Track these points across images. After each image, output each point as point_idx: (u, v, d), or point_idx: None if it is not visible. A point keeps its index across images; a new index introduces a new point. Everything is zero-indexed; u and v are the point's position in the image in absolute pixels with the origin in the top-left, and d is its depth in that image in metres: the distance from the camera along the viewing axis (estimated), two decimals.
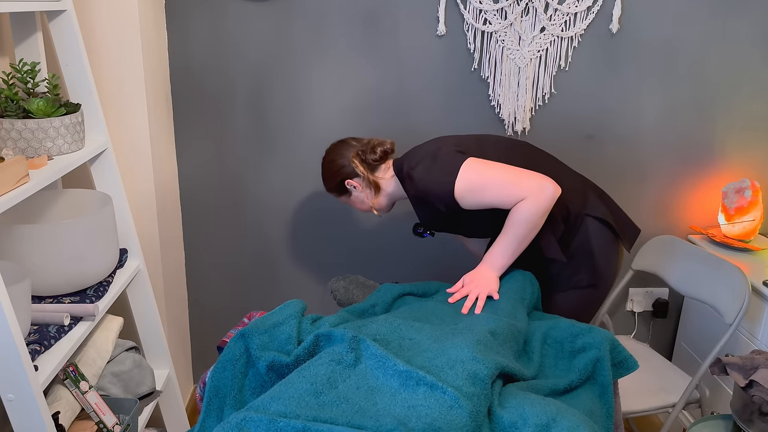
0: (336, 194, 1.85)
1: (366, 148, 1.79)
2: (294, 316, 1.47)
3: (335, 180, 1.81)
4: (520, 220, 1.60)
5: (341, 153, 1.81)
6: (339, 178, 1.80)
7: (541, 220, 1.61)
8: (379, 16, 2.11)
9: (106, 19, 1.82)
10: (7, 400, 1.23)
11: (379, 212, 1.85)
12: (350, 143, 1.82)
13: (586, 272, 1.74)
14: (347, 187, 1.81)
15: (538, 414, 1.18)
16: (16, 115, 1.47)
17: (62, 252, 1.48)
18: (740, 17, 2.18)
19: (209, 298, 2.40)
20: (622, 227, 1.79)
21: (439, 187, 1.64)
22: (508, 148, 1.75)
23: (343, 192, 1.83)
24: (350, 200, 1.85)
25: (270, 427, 1.10)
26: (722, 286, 1.92)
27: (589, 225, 1.73)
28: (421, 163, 1.68)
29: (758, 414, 1.50)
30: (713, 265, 1.98)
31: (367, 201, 1.82)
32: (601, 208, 1.76)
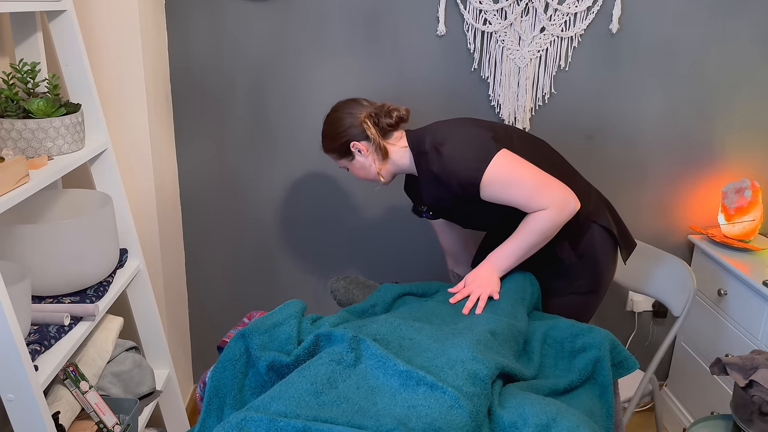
0: (335, 156, 1.72)
1: (380, 111, 1.68)
2: (294, 316, 1.47)
3: (339, 140, 1.68)
4: (537, 229, 1.59)
5: (351, 112, 1.68)
6: (345, 138, 1.68)
7: (555, 232, 1.61)
8: (379, 16, 2.11)
9: (106, 19, 1.83)
10: (7, 400, 1.23)
11: (384, 181, 1.73)
12: (362, 103, 1.70)
13: (587, 278, 1.74)
14: (351, 150, 1.69)
15: (538, 414, 1.18)
16: (16, 115, 1.47)
17: (62, 252, 1.48)
18: (740, 17, 2.18)
19: (209, 298, 2.40)
20: (622, 238, 1.79)
21: (466, 171, 1.57)
22: (532, 145, 1.71)
23: (344, 155, 1.70)
24: (350, 164, 1.72)
25: (270, 426, 1.10)
26: (668, 279, 2.00)
27: (594, 231, 1.73)
28: (450, 140, 1.61)
29: (758, 414, 1.50)
30: (658, 259, 2.04)
31: (372, 167, 1.71)
32: (606, 217, 1.76)
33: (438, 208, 1.76)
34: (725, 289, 2.17)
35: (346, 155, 1.71)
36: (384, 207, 2.32)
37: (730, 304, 2.15)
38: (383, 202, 2.31)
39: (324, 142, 1.73)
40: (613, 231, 1.75)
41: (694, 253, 2.38)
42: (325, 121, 1.72)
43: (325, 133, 1.72)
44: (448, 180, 1.60)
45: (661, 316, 2.49)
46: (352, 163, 1.72)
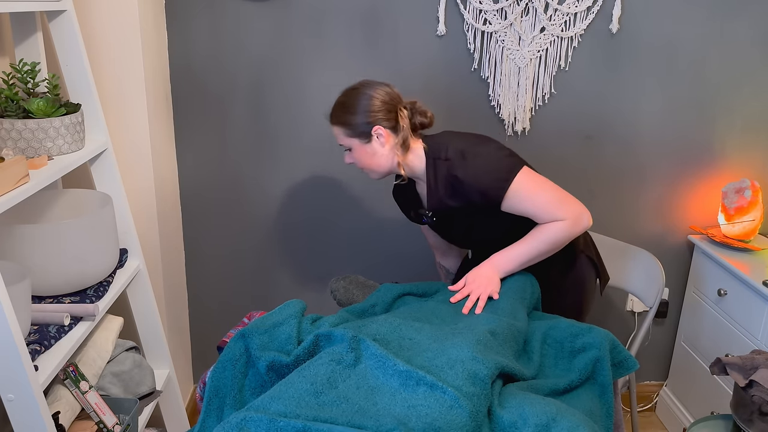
0: (347, 132, 1.62)
1: (415, 107, 1.65)
2: (294, 316, 1.47)
3: (364, 118, 1.59)
4: (548, 239, 1.61)
5: (383, 95, 1.61)
6: (371, 119, 1.59)
7: (562, 245, 1.64)
8: (379, 16, 2.11)
9: (106, 19, 1.82)
10: (7, 400, 1.23)
11: (405, 173, 1.67)
12: (394, 91, 1.64)
13: (573, 305, 1.79)
14: (372, 134, 1.61)
15: (538, 414, 1.18)
16: (16, 115, 1.47)
17: (62, 252, 1.48)
18: (740, 17, 2.18)
19: (209, 298, 2.40)
20: (602, 271, 1.87)
21: (494, 182, 1.58)
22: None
23: (360, 135, 1.61)
24: (359, 147, 1.63)
25: (270, 426, 1.10)
26: (638, 272, 2.06)
27: (583, 262, 1.80)
28: (479, 150, 1.61)
29: (758, 414, 1.50)
30: (628, 254, 2.10)
31: (382, 158, 1.64)
32: (592, 250, 1.84)
33: (442, 214, 1.74)
34: (725, 289, 2.17)
35: (361, 136, 1.62)
36: (384, 207, 2.32)
37: (730, 304, 2.15)
38: (384, 202, 2.31)
39: (340, 114, 1.63)
40: (597, 264, 1.83)
41: (694, 253, 2.38)
42: (350, 93, 1.63)
43: (346, 105, 1.62)
44: (471, 186, 1.60)
45: (661, 316, 2.49)
46: (363, 146, 1.63)
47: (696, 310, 2.36)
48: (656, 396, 2.60)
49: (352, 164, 1.70)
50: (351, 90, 1.65)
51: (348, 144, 1.65)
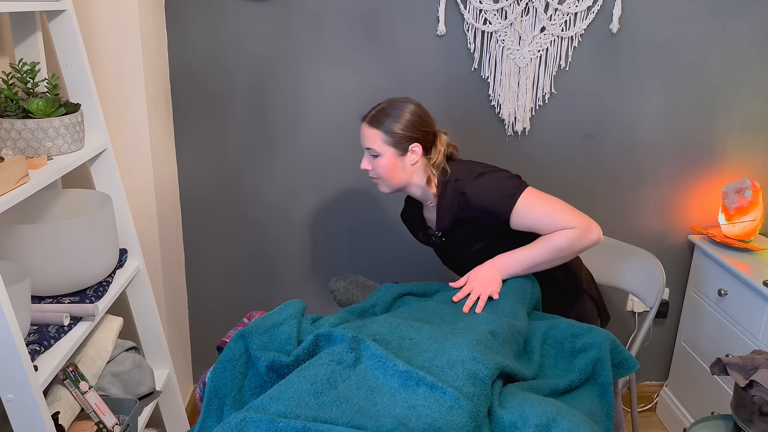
0: (386, 138, 1.65)
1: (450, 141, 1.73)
2: (294, 316, 1.47)
3: (408, 132, 1.65)
4: (555, 245, 1.61)
5: (427, 118, 1.68)
6: (414, 134, 1.65)
7: (570, 256, 1.64)
8: (379, 16, 2.11)
9: (106, 19, 1.82)
10: (7, 400, 1.23)
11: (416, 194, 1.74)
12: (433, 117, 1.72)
13: None
14: (409, 148, 1.66)
15: (539, 414, 1.18)
16: (15, 115, 1.46)
17: (62, 252, 1.48)
18: (740, 18, 2.17)
19: (209, 298, 2.40)
20: (604, 310, 1.90)
21: (500, 198, 1.62)
22: None
23: (397, 145, 1.65)
24: (391, 157, 1.66)
25: (270, 427, 1.10)
26: (639, 272, 2.06)
27: (586, 301, 1.83)
28: (487, 171, 1.68)
29: (758, 414, 1.50)
30: (628, 254, 2.10)
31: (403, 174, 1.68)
32: (595, 288, 1.87)
33: (450, 236, 1.75)
34: (725, 289, 2.16)
35: (398, 147, 1.66)
36: (384, 207, 2.32)
37: (731, 304, 2.15)
38: (384, 203, 2.31)
39: (384, 120, 1.65)
40: (599, 303, 1.86)
41: (695, 253, 2.38)
42: (399, 104, 1.67)
43: (394, 114, 1.65)
44: (479, 203, 1.63)
45: (661, 316, 2.49)
46: (394, 157, 1.66)
47: (696, 310, 2.36)
48: (656, 396, 2.60)
49: (366, 170, 1.72)
50: (399, 101, 1.69)
51: (381, 150, 1.67)
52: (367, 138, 1.68)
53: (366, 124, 1.69)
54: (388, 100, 1.71)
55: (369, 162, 1.71)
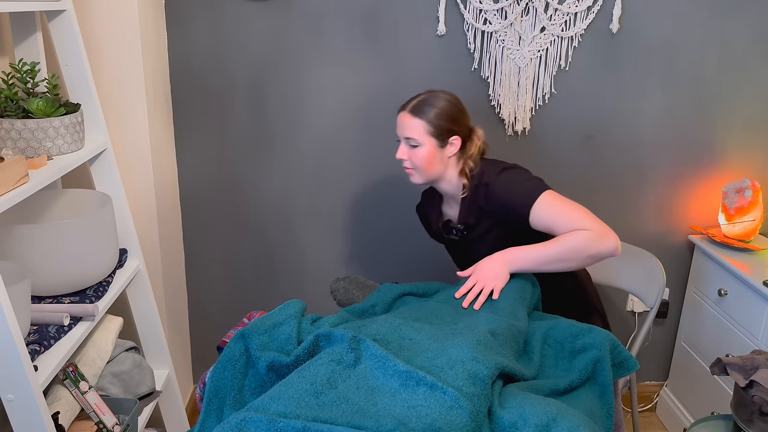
0: (428, 129, 1.66)
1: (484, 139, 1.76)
2: (294, 316, 1.47)
3: (451, 124, 1.67)
4: (568, 244, 1.58)
5: (466, 113, 1.71)
6: (455, 126, 1.68)
7: (584, 261, 1.61)
8: (379, 16, 2.11)
9: (106, 19, 1.82)
10: (7, 400, 1.23)
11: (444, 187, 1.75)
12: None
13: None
14: (449, 140, 1.68)
15: (539, 414, 1.18)
16: (15, 115, 1.46)
17: (62, 252, 1.48)
18: (740, 18, 2.17)
19: (209, 298, 2.40)
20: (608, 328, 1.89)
21: (523, 192, 1.63)
22: None
23: (438, 136, 1.67)
24: (431, 148, 1.67)
25: (270, 427, 1.10)
26: (639, 272, 2.06)
27: (597, 318, 1.86)
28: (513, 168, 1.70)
29: (758, 414, 1.50)
30: (628, 254, 2.09)
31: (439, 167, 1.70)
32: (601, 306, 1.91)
33: (471, 230, 1.76)
34: (725, 289, 2.16)
35: (440, 138, 1.67)
36: (384, 207, 2.32)
37: (731, 304, 2.15)
38: (384, 202, 2.31)
39: (428, 110, 1.66)
40: (606, 321, 1.88)
41: (695, 253, 2.38)
42: (441, 96, 1.70)
43: (438, 105, 1.67)
44: (502, 197, 1.65)
45: (661, 316, 2.49)
46: (435, 148, 1.67)
47: (696, 310, 2.36)
48: (656, 396, 2.60)
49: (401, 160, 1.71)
50: (441, 93, 1.71)
51: (422, 141, 1.67)
52: (407, 127, 1.68)
53: (407, 113, 1.68)
54: (428, 91, 1.72)
55: (406, 152, 1.70)
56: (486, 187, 1.68)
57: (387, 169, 2.27)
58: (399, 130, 1.71)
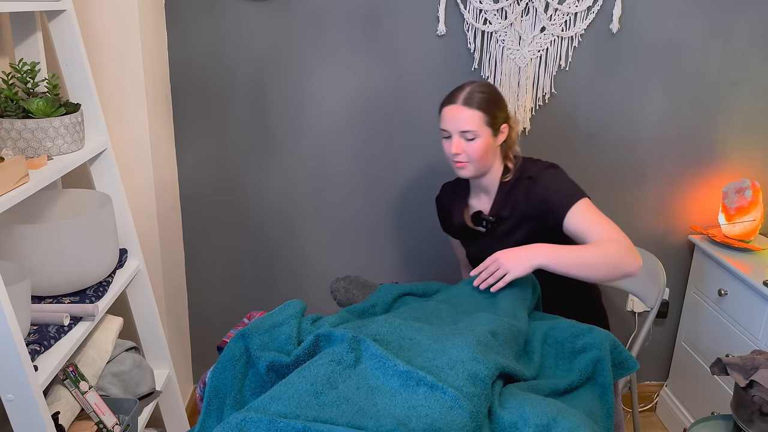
0: (484, 118, 1.66)
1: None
2: (294, 316, 1.47)
3: (504, 115, 1.70)
4: (601, 250, 1.56)
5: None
6: (505, 114, 1.70)
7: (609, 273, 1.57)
8: (379, 16, 2.11)
9: (106, 19, 1.82)
10: (7, 400, 1.23)
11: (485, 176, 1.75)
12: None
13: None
14: (501, 129, 1.70)
15: (539, 414, 1.18)
16: (15, 115, 1.46)
17: (62, 252, 1.48)
18: (740, 17, 2.17)
19: (209, 298, 2.40)
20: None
21: (564, 192, 1.65)
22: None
23: (492, 125, 1.67)
24: (488, 139, 1.67)
25: (270, 427, 1.10)
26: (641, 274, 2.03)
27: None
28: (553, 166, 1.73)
29: (758, 414, 1.50)
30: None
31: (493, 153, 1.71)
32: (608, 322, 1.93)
33: (500, 223, 1.76)
34: (725, 289, 2.16)
35: (494, 128, 1.68)
36: (385, 207, 2.32)
37: (731, 304, 2.15)
38: (384, 202, 2.31)
39: (486, 102, 1.66)
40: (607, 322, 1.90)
41: (695, 253, 2.38)
42: (492, 88, 1.71)
43: (493, 97, 1.68)
44: (543, 193, 1.66)
45: (661, 316, 2.49)
46: (490, 138, 1.68)
47: (696, 310, 2.36)
48: (656, 396, 2.60)
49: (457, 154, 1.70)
50: (482, 82, 1.74)
51: (480, 132, 1.66)
52: (463, 120, 1.66)
53: (462, 106, 1.66)
54: (471, 82, 1.72)
55: (461, 145, 1.68)
56: (529, 180, 1.68)
57: (387, 168, 2.27)
58: (451, 123, 1.68)
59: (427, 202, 2.30)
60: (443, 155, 1.76)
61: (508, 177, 1.75)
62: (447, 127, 1.69)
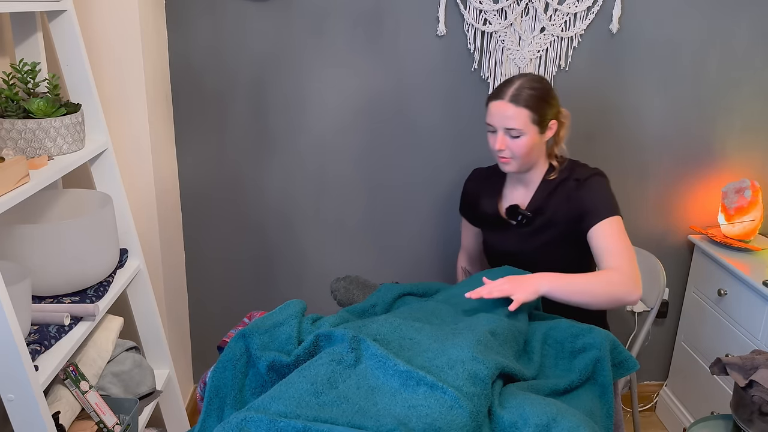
0: (532, 118, 1.64)
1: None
2: (294, 316, 1.47)
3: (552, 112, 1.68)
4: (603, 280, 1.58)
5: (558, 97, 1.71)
6: (554, 110, 1.68)
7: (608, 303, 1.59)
8: (379, 16, 2.11)
9: (106, 19, 1.83)
10: (8, 400, 1.23)
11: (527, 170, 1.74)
12: None
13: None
14: (549, 125, 1.68)
15: (539, 414, 1.18)
16: (16, 115, 1.47)
17: (62, 252, 1.48)
18: (740, 17, 2.18)
19: (209, 298, 2.40)
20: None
21: (604, 203, 1.66)
22: None
23: (539, 122, 1.66)
24: (534, 136, 1.66)
25: (270, 427, 1.10)
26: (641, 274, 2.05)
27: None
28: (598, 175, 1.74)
29: (758, 414, 1.50)
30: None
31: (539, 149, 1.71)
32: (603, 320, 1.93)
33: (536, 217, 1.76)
34: (725, 289, 2.17)
35: (541, 126, 1.66)
36: (385, 207, 2.32)
37: (730, 304, 2.15)
38: (384, 202, 2.31)
39: (534, 99, 1.64)
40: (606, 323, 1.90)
41: (694, 253, 2.38)
42: (543, 83, 1.68)
43: (542, 94, 1.66)
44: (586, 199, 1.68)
45: (661, 316, 2.49)
46: (536, 135, 1.67)
47: (696, 310, 2.36)
48: (656, 396, 2.61)
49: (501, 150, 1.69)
50: (541, 79, 1.69)
51: (526, 130, 1.65)
52: (509, 118, 1.64)
53: (507, 102, 1.65)
54: (521, 75, 1.70)
55: (505, 142, 1.67)
56: (575, 182, 1.69)
57: (387, 168, 2.27)
58: (496, 119, 1.66)
59: (428, 201, 2.30)
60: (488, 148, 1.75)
61: (553, 175, 1.75)
62: (492, 122, 1.68)
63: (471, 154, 2.25)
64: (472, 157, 2.23)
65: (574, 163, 1.78)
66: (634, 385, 2.01)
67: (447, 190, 2.28)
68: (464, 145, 2.25)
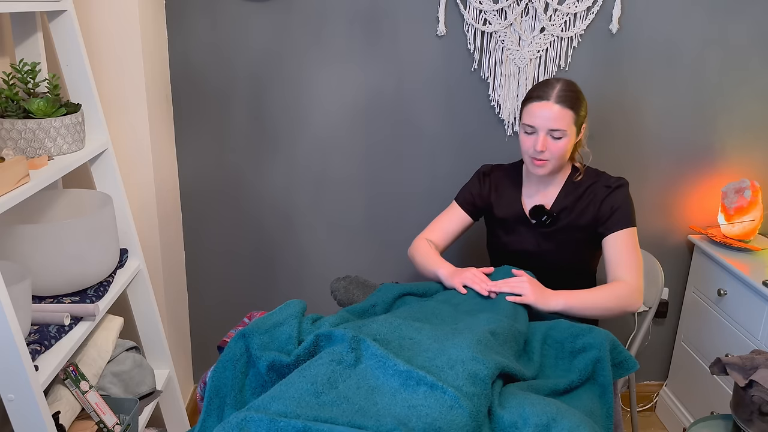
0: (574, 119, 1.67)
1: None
2: (294, 316, 1.47)
3: (586, 112, 1.72)
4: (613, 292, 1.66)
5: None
6: (586, 112, 1.72)
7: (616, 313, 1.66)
8: (379, 16, 2.11)
9: (106, 19, 1.83)
10: (8, 400, 1.23)
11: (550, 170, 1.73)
12: None
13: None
14: (580, 129, 1.73)
15: (539, 414, 1.18)
16: (16, 115, 1.47)
17: (63, 252, 1.48)
18: (740, 18, 2.18)
19: (209, 298, 2.40)
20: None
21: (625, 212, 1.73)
22: None
23: (578, 124, 1.70)
24: (572, 136, 1.69)
25: (270, 426, 1.10)
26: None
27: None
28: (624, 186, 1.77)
29: (758, 414, 1.50)
30: None
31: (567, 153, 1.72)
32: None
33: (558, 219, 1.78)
34: (725, 289, 2.17)
35: (578, 126, 1.71)
36: (385, 207, 2.32)
37: (730, 304, 2.15)
38: (384, 202, 2.31)
39: (576, 101, 1.68)
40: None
41: (694, 253, 2.38)
42: (574, 83, 1.72)
43: (580, 97, 1.70)
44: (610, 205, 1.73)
45: (661, 316, 2.49)
46: (573, 136, 1.70)
47: (696, 310, 2.36)
48: (656, 396, 2.61)
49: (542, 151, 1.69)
50: (574, 83, 1.72)
51: (568, 131, 1.68)
52: (554, 119, 1.65)
53: (555, 103, 1.66)
54: (558, 79, 1.72)
55: (547, 143, 1.68)
56: (606, 189, 1.74)
57: (388, 167, 2.27)
58: (540, 120, 1.66)
59: (428, 200, 2.30)
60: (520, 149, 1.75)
61: (578, 177, 1.79)
62: (535, 123, 1.67)
63: (471, 154, 2.25)
64: (472, 157, 2.23)
65: (599, 171, 1.82)
66: (632, 385, 2.02)
67: (447, 188, 2.28)
68: (464, 145, 2.25)
